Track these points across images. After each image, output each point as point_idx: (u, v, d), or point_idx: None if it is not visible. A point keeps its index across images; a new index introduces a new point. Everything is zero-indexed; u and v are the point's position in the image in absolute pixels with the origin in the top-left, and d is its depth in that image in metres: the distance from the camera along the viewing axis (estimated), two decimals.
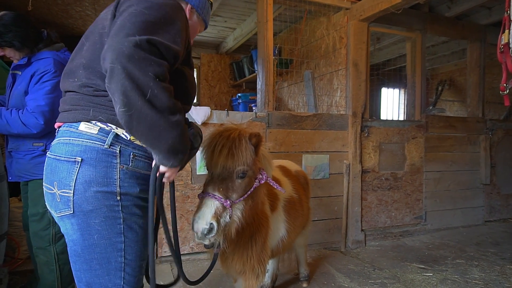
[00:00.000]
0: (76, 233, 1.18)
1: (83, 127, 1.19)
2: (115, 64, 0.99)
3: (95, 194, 1.15)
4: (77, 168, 1.15)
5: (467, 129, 4.66)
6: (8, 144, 2.26)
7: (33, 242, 2.27)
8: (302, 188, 2.38)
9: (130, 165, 1.21)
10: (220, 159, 1.49)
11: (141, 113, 1.02)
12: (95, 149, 1.17)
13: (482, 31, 4.74)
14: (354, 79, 3.86)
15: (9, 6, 4.26)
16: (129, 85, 0.99)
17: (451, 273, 3.14)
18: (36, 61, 2.19)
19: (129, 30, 1.04)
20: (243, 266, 1.83)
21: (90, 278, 1.20)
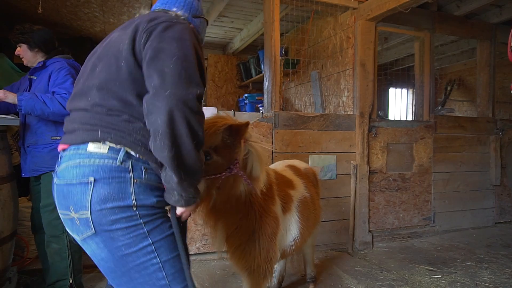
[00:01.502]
0: (104, 250, 1.18)
1: (92, 148, 1.20)
2: (178, 113, 1.10)
3: (112, 209, 1.16)
4: (91, 189, 1.15)
5: (476, 130, 4.59)
6: (26, 140, 2.34)
7: (47, 231, 2.34)
8: (313, 186, 2.37)
9: (143, 178, 1.22)
10: None
11: (190, 158, 1.15)
12: (107, 167, 1.18)
13: (492, 30, 4.67)
14: (362, 79, 3.83)
15: (19, 9, 4.32)
16: (186, 133, 1.12)
17: (460, 276, 3.09)
18: (51, 64, 2.38)
19: (187, 80, 1.14)
20: (247, 263, 1.83)
21: (134, 287, 1.21)
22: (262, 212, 1.82)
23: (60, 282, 2.36)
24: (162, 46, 1.17)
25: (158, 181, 1.26)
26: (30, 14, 4.39)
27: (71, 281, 2.36)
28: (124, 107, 1.22)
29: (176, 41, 1.18)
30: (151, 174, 1.25)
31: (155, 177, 1.26)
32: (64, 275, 2.35)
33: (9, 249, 2.35)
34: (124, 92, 1.22)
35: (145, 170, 1.23)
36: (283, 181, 2.14)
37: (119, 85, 1.22)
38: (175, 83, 1.12)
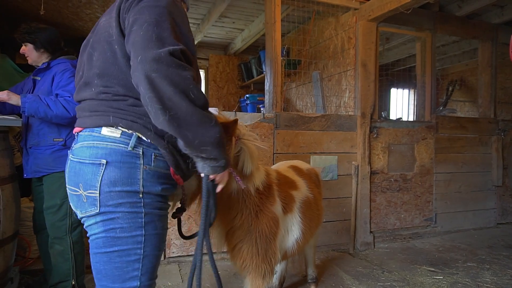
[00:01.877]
0: (100, 228, 1.23)
1: (106, 131, 1.23)
2: (155, 74, 1.07)
3: (120, 193, 1.21)
4: (102, 170, 1.20)
5: (478, 130, 4.59)
6: (28, 141, 2.34)
7: (50, 232, 2.34)
8: (315, 187, 2.37)
9: (152, 165, 1.26)
10: None
11: (187, 114, 1.11)
12: (119, 151, 1.22)
13: (493, 30, 4.66)
14: (363, 79, 3.83)
15: (22, 10, 4.34)
16: (173, 90, 1.08)
17: (461, 277, 3.09)
18: (55, 65, 2.37)
19: (157, 41, 1.11)
20: (245, 263, 1.84)
21: (109, 270, 1.23)
22: (258, 212, 1.81)
23: (62, 283, 2.36)
24: (135, 18, 1.17)
25: (166, 168, 1.29)
26: (32, 14, 4.40)
27: (73, 283, 2.37)
28: (128, 91, 1.24)
29: (147, 9, 1.17)
30: (159, 161, 1.28)
31: (164, 163, 1.29)
32: (67, 276, 2.35)
33: (11, 250, 2.35)
34: (124, 75, 1.23)
35: (155, 157, 1.26)
36: (285, 182, 2.13)
37: (118, 69, 1.23)
38: (144, 47, 1.10)
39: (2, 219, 2.20)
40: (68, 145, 2.31)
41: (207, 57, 6.38)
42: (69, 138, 2.32)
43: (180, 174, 1.35)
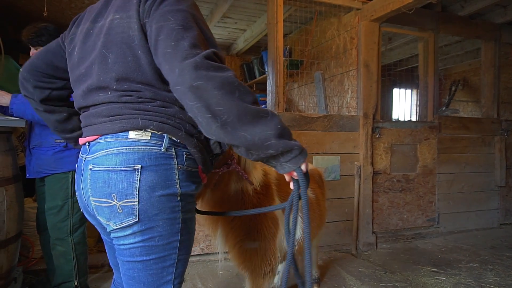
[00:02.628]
0: (138, 237, 1.14)
1: (134, 135, 1.14)
2: (196, 82, 1.00)
3: (160, 198, 1.13)
4: (138, 176, 1.11)
5: (481, 130, 4.57)
6: (31, 142, 2.36)
7: (51, 234, 2.35)
8: (318, 187, 2.36)
9: (185, 164, 1.20)
10: None
11: (240, 115, 1.02)
12: (153, 154, 1.14)
13: (496, 30, 4.65)
14: (365, 80, 3.82)
15: (25, 11, 4.36)
16: (219, 93, 1.00)
17: (464, 277, 3.08)
18: None
19: (190, 49, 1.05)
20: (245, 263, 1.84)
21: (143, 277, 1.18)
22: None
23: (65, 284, 2.37)
24: (160, 26, 1.10)
25: (195, 166, 1.24)
26: (35, 16, 4.42)
27: (76, 283, 2.37)
28: (154, 94, 1.16)
29: (171, 14, 1.10)
30: (190, 160, 1.22)
31: (193, 162, 1.23)
32: (69, 277, 2.36)
33: (15, 249, 2.36)
34: (149, 80, 1.15)
35: (186, 156, 1.20)
36: (285, 181, 2.13)
37: (142, 74, 1.15)
38: (178, 58, 1.04)
39: (5, 219, 2.22)
40: (70, 146, 2.31)
41: None
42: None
43: (206, 171, 1.30)
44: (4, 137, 2.30)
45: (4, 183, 2.21)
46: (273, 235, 1.88)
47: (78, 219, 2.39)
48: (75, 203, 2.36)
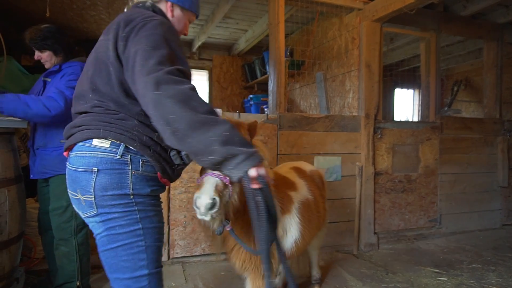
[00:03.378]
0: (101, 227, 1.35)
1: (96, 142, 1.34)
2: (156, 93, 1.18)
3: (112, 196, 1.33)
4: (94, 177, 1.32)
5: (483, 131, 4.56)
6: (35, 142, 2.35)
7: (56, 234, 2.36)
8: (317, 189, 2.36)
9: (140, 170, 1.38)
10: None
11: (189, 123, 1.17)
12: (109, 160, 1.34)
13: (499, 30, 4.63)
14: (367, 80, 3.82)
15: (27, 12, 4.37)
16: (172, 103, 1.17)
17: (466, 278, 3.07)
18: (66, 67, 2.37)
19: (156, 66, 1.22)
20: (246, 263, 1.84)
21: (118, 263, 1.35)
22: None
23: (67, 284, 2.37)
24: (136, 49, 1.29)
25: (153, 172, 1.41)
26: (37, 17, 4.43)
27: (78, 284, 2.38)
28: (119, 107, 1.36)
29: (146, 38, 1.30)
30: (147, 166, 1.39)
31: (151, 168, 1.40)
32: (72, 278, 2.36)
33: (17, 250, 2.37)
34: (116, 94, 1.35)
35: (142, 162, 1.38)
36: (283, 183, 2.13)
37: (111, 88, 1.35)
38: (145, 74, 1.22)
39: (7, 220, 2.23)
40: None
41: (211, 58, 6.39)
42: None
43: (167, 178, 1.45)
44: (6, 137, 2.31)
45: (6, 184, 2.22)
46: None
47: (82, 220, 2.39)
48: None
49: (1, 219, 2.18)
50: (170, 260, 3.18)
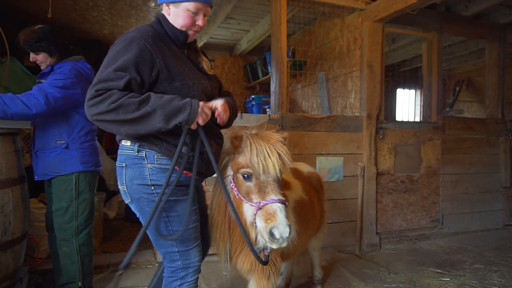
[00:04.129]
0: (137, 213, 1.67)
1: (123, 142, 1.65)
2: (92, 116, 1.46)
3: (137, 186, 1.60)
4: (124, 171, 1.62)
5: (486, 131, 4.55)
6: (35, 145, 2.37)
7: (57, 234, 2.37)
8: (314, 190, 2.36)
9: (155, 163, 1.60)
10: (276, 165, 1.56)
11: (130, 122, 1.44)
12: (130, 156, 1.62)
13: (501, 30, 4.63)
14: (369, 80, 3.82)
15: (29, 13, 4.39)
16: (109, 117, 1.42)
17: (469, 278, 3.07)
18: (57, 68, 2.35)
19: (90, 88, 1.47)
20: (251, 266, 1.84)
21: (154, 241, 1.68)
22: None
23: (69, 284, 2.38)
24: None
25: (168, 164, 1.60)
26: (40, 17, 4.45)
27: (80, 284, 2.39)
28: None
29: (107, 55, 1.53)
30: (162, 159, 1.61)
31: (167, 161, 1.60)
32: (74, 278, 2.37)
33: (21, 250, 2.38)
34: None
35: (157, 157, 1.61)
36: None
37: None
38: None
39: (11, 220, 2.24)
40: (71, 147, 2.31)
41: (213, 59, 6.40)
42: (71, 141, 2.32)
43: (187, 169, 1.62)
44: (10, 138, 2.32)
45: (10, 184, 2.23)
46: None
47: (83, 220, 2.40)
48: (80, 205, 2.37)
49: (5, 219, 2.19)
50: None
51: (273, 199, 1.49)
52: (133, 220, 4.49)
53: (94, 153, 2.48)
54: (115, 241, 3.82)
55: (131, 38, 1.52)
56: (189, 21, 1.66)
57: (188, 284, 1.70)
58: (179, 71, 1.59)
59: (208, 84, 1.71)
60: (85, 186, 2.40)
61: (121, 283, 2.81)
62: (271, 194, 1.51)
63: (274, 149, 1.57)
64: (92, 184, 2.49)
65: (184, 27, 1.67)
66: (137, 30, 1.57)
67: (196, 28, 1.70)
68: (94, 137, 2.51)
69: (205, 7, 1.67)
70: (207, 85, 1.70)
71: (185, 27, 1.67)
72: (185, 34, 1.69)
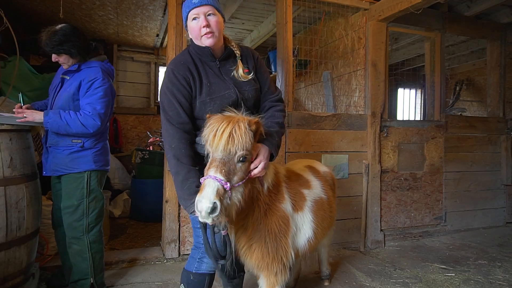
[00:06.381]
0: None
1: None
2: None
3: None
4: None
5: (487, 129, 4.60)
6: (48, 140, 2.38)
7: (67, 232, 2.39)
8: (330, 189, 2.37)
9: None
10: (222, 142, 1.52)
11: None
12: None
13: (502, 30, 4.68)
14: (373, 79, 3.86)
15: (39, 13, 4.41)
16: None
17: (473, 274, 3.11)
18: (85, 68, 2.40)
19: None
20: (259, 262, 1.84)
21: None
22: (268, 210, 1.81)
23: (81, 281, 2.41)
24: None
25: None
26: (46, 16, 4.48)
27: (92, 281, 2.41)
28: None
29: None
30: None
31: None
32: (86, 275, 2.40)
33: (33, 245, 2.41)
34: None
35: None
36: (296, 180, 2.12)
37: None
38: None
39: (25, 216, 2.27)
40: (86, 147, 2.35)
41: None
42: (87, 141, 2.36)
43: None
44: (23, 135, 2.35)
45: (24, 180, 2.26)
46: (284, 233, 1.86)
47: (94, 218, 2.42)
48: (91, 203, 2.39)
49: (19, 215, 2.23)
50: (181, 256, 3.22)
51: (209, 175, 1.50)
52: (138, 218, 4.53)
53: (105, 152, 2.51)
54: (122, 238, 3.85)
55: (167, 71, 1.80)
56: (196, 29, 1.75)
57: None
58: (201, 89, 1.76)
59: (233, 92, 1.81)
60: (96, 184, 2.43)
61: (131, 279, 2.84)
62: (211, 170, 1.51)
63: (230, 128, 1.53)
64: (102, 182, 2.52)
65: (198, 37, 1.77)
66: (173, 60, 1.83)
67: (204, 31, 1.74)
68: (107, 136, 2.54)
69: (202, 9, 1.73)
70: (232, 93, 1.80)
71: (199, 37, 1.76)
72: (207, 49, 1.79)
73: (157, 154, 4.59)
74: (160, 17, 4.56)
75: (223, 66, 1.87)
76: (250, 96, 1.88)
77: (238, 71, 1.86)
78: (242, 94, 1.84)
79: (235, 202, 1.57)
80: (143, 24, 4.84)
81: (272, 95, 2.00)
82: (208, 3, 1.73)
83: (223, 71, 1.86)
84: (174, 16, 3.21)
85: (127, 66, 6.18)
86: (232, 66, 1.88)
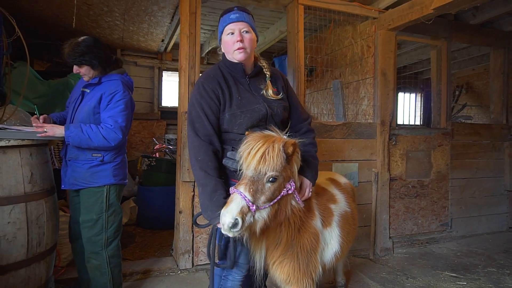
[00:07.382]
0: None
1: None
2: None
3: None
4: None
5: (491, 136, 4.67)
6: (68, 153, 2.35)
7: (86, 247, 2.36)
8: (352, 201, 2.39)
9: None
10: (254, 162, 1.57)
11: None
12: None
13: (506, 37, 4.75)
14: (383, 88, 3.89)
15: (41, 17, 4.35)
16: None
17: (484, 282, 3.16)
18: (106, 81, 2.37)
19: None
20: (288, 277, 1.87)
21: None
22: (301, 227, 1.84)
23: None
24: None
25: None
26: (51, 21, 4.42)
27: None
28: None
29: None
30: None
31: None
32: None
33: (52, 260, 2.39)
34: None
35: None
36: (324, 195, 2.15)
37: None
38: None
39: (45, 231, 2.24)
40: (106, 161, 2.32)
41: None
42: (107, 155, 2.33)
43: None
44: (42, 149, 2.33)
45: (45, 195, 2.24)
46: (315, 249, 1.90)
47: (113, 232, 2.40)
48: (110, 217, 2.37)
49: (40, 231, 2.20)
50: (194, 267, 3.21)
51: (239, 191, 1.55)
52: (145, 226, 4.51)
53: (124, 166, 2.49)
54: (131, 247, 3.82)
55: (197, 84, 1.88)
56: (230, 43, 1.81)
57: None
58: (231, 102, 1.80)
59: (263, 106, 1.84)
60: (115, 199, 2.40)
61: None
62: (241, 187, 1.57)
63: (264, 149, 1.57)
64: (120, 196, 2.49)
65: (231, 51, 1.81)
66: (203, 74, 1.89)
67: (237, 46, 1.78)
68: (125, 150, 2.52)
69: (238, 25, 1.79)
70: (261, 107, 1.84)
71: (231, 50, 1.80)
72: (240, 65, 1.85)
73: (164, 161, 4.56)
74: (167, 23, 4.53)
75: (252, 83, 1.91)
76: (279, 112, 1.91)
77: (268, 91, 1.90)
78: (272, 109, 1.88)
79: (259, 221, 1.61)
80: (149, 30, 4.80)
81: (306, 119, 2.07)
82: (244, 20, 1.79)
83: (253, 87, 1.91)
84: (187, 25, 3.19)
85: (131, 71, 6.13)
86: (261, 84, 1.92)
